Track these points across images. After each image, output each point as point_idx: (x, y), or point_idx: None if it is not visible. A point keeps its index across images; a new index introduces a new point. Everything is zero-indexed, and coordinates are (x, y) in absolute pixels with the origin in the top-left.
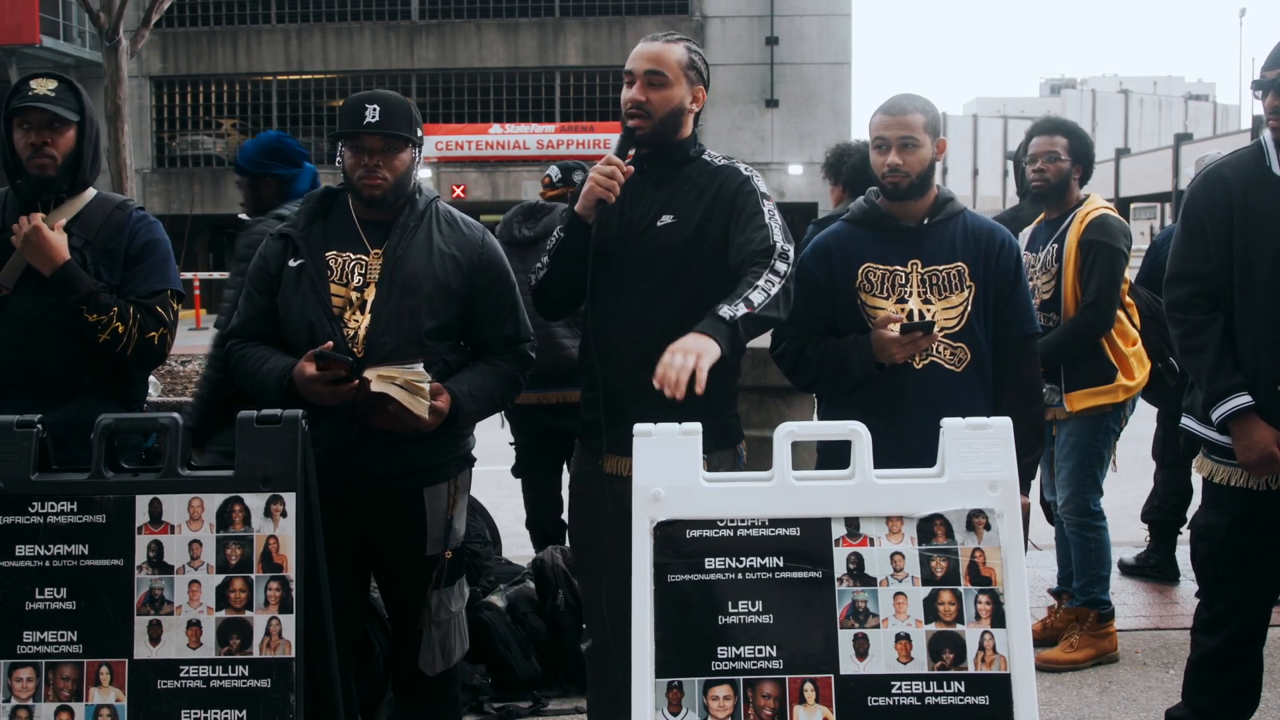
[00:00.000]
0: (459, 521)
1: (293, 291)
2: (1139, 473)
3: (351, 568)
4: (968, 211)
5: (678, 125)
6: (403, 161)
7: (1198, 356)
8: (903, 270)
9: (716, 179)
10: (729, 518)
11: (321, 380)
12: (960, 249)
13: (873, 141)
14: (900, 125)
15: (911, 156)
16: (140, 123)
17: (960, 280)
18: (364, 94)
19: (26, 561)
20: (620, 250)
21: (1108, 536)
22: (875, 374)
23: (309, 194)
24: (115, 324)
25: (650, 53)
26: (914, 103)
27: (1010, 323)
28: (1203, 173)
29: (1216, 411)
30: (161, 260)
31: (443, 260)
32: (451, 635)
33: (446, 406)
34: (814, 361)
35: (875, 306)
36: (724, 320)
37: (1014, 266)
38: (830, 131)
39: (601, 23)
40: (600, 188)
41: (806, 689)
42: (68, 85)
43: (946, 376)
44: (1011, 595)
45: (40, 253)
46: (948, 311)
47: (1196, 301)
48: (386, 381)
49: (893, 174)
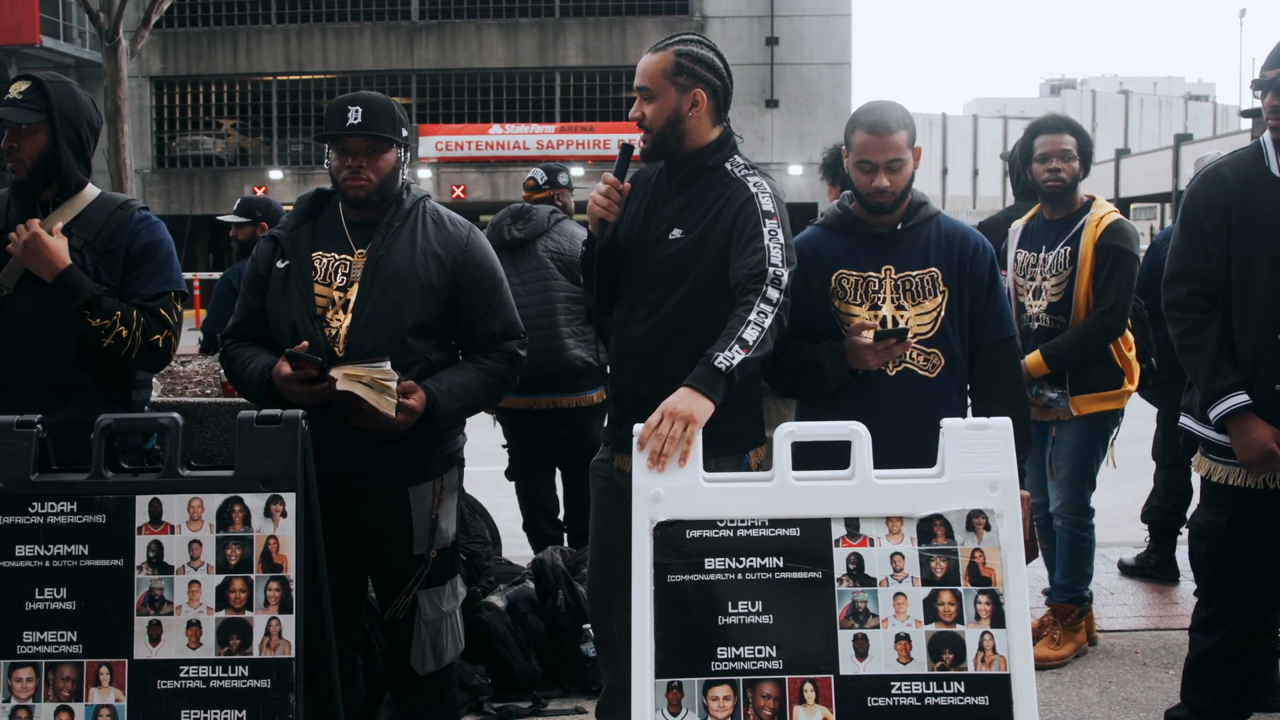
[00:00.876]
0: (446, 521)
1: (280, 292)
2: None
3: (347, 566)
4: (941, 215)
5: (679, 133)
6: (387, 162)
7: (1196, 355)
8: (876, 276)
9: (725, 193)
10: (729, 518)
11: (295, 379)
12: (934, 254)
13: (856, 161)
14: (887, 148)
15: (898, 176)
16: (140, 123)
17: (934, 285)
18: (348, 96)
19: (26, 562)
20: (636, 258)
21: (1095, 534)
22: (850, 380)
23: (301, 196)
24: (119, 328)
25: (640, 67)
26: (895, 118)
27: (987, 327)
28: (1202, 173)
29: (1214, 410)
30: (164, 261)
31: (425, 258)
32: (443, 635)
33: (420, 404)
34: (791, 368)
35: (849, 313)
36: (720, 372)
37: (988, 270)
38: (830, 132)
39: (601, 23)
40: (599, 208)
41: (806, 689)
42: (36, 85)
43: (920, 382)
44: (1011, 595)
45: (40, 259)
46: (921, 317)
47: (1195, 301)
48: (352, 380)
49: (880, 194)
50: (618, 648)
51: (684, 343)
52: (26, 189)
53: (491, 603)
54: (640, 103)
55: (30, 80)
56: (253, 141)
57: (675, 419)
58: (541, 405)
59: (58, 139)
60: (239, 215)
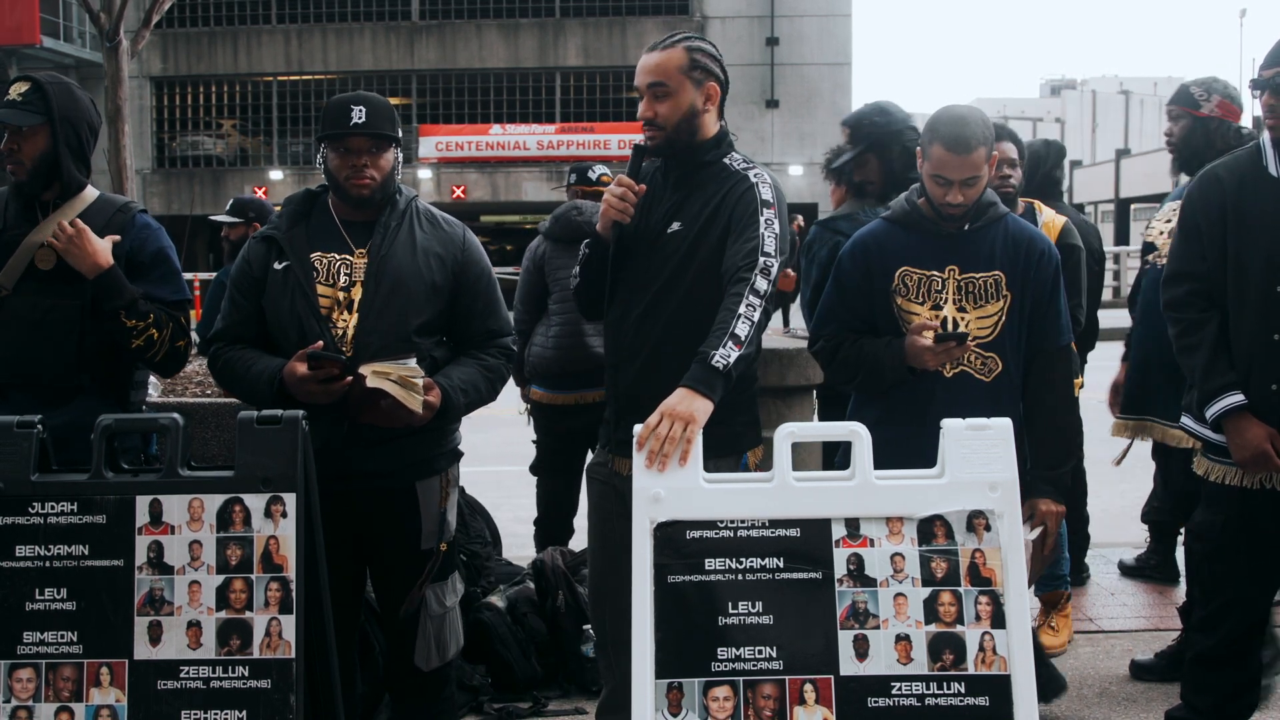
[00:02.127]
0: (451, 514)
1: (280, 293)
2: (1139, 473)
3: (348, 566)
4: (1010, 216)
5: (693, 129)
6: (388, 161)
7: (1193, 355)
8: (940, 276)
9: (725, 186)
10: (729, 518)
11: (314, 379)
12: (999, 257)
13: (932, 174)
14: (965, 166)
15: (972, 191)
16: (140, 123)
17: (997, 289)
18: (347, 95)
19: (26, 562)
20: (635, 255)
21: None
22: (907, 378)
23: (290, 197)
24: (150, 330)
25: (650, 65)
26: (976, 135)
27: (1045, 333)
28: (1200, 174)
29: (1210, 409)
30: (175, 269)
31: (426, 258)
32: (446, 630)
33: (438, 400)
34: (849, 361)
35: (910, 311)
36: (717, 371)
37: (1053, 276)
38: (830, 132)
39: (601, 23)
40: (615, 210)
41: (806, 690)
42: (36, 87)
43: (976, 386)
44: (1011, 596)
45: (84, 256)
46: (982, 320)
47: (1193, 300)
48: (381, 377)
49: (952, 208)
50: (617, 650)
51: (684, 337)
52: (27, 190)
53: (492, 603)
54: (650, 100)
55: (30, 81)
56: (253, 142)
57: (675, 419)
58: (589, 400)
59: (58, 141)
60: (231, 215)
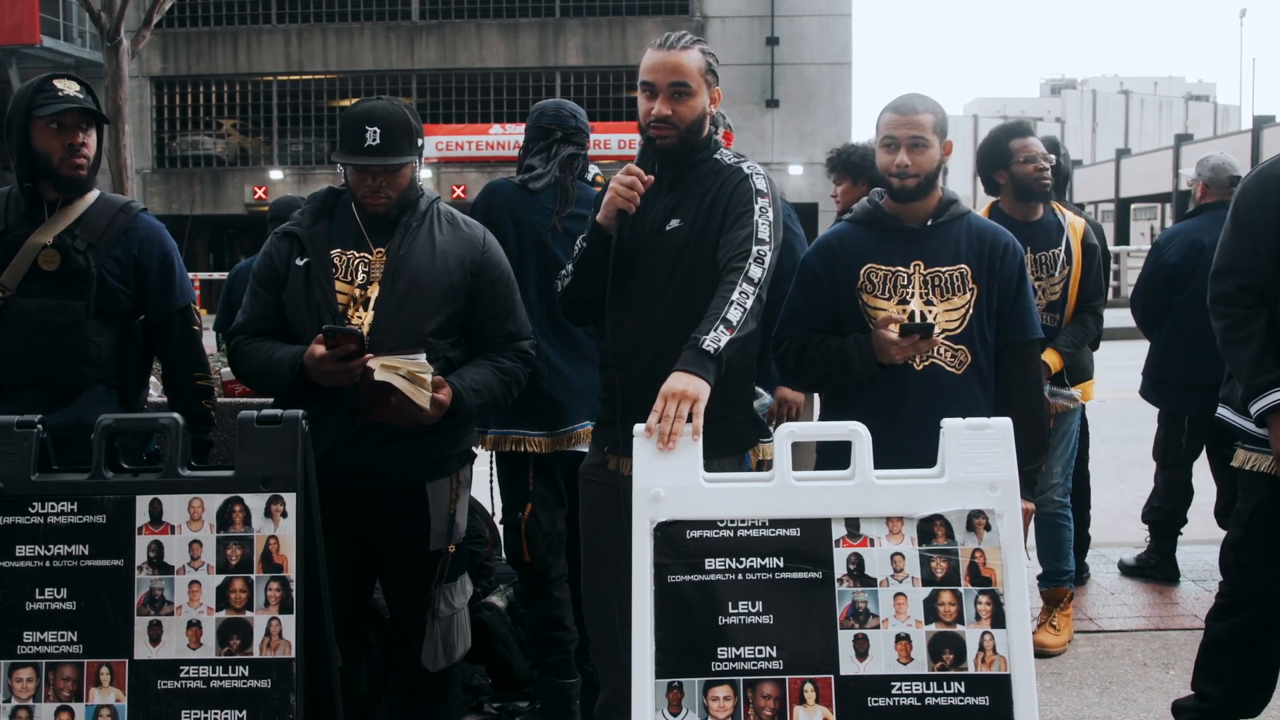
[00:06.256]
0: (462, 516)
1: (300, 289)
2: (1139, 473)
3: (355, 567)
4: (971, 214)
5: (700, 130)
6: (405, 176)
7: (1240, 349)
8: (905, 271)
9: (719, 179)
10: (729, 518)
11: (332, 358)
12: (964, 251)
13: (881, 140)
14: (910, 125)
15: (920, 156)
16: (140, 123)
17: (963, 282)
18: (363, 111)
19: (27, 562)
20: (633, 254)
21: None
22: (876, 374)
23: (313, 194)
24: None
25: (671, 64)
26: (924, 103)
27: (1014, 327)
28: (1258, 169)
29: (1255, 405)
30: (182, 271)
31: (444, 259)
32: (453, 631)
33: (448, 399)
34: (817, 361)
35: (877, 307)
36: (708, 354)
37: (1018, 270)
38: (830, 132)
39: (601, 23)
40: (621, 198)
41: (806, 689)
42: (86, 86)
43: (947, 378)
44: (1011, 596)
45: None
46: (949, 313)
47: (1242, 296)
48: (390, 372)
49: (900, 173)
50: (617, 651)
51: (686, 337)
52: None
53: (491, 603)
54: (669, 99)
55: (77, 81)
56: (253, 141)
57: (677, 399)
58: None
59: (102, 140)
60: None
